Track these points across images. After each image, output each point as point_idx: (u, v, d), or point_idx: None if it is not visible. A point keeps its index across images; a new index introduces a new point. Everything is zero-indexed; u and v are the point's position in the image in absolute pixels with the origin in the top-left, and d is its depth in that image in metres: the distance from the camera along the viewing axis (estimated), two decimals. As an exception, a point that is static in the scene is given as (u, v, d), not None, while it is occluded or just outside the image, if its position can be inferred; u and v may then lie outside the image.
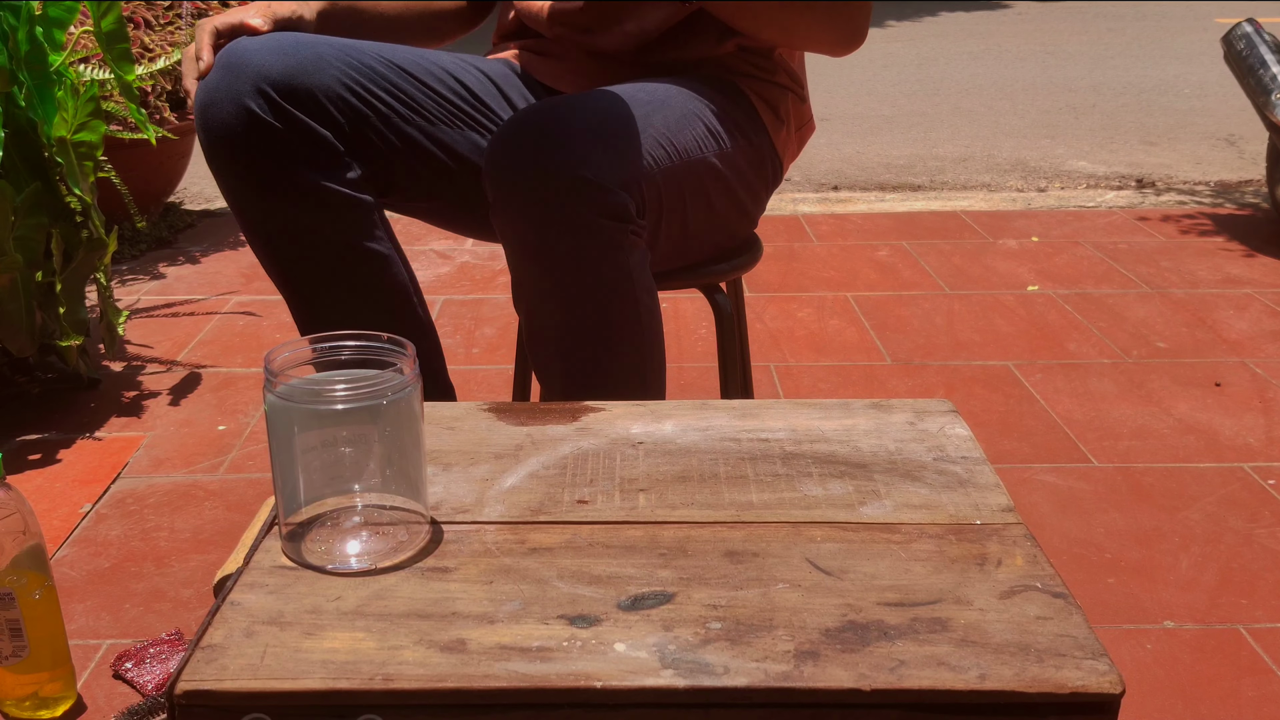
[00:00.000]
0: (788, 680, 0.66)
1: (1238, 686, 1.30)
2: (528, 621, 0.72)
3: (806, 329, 2.37)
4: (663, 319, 1.25)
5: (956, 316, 2.43)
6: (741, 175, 1.30)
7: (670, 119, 1.21)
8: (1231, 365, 2.17)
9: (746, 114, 1.32)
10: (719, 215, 1.31)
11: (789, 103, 1.35)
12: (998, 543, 0.81)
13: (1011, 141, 4.37)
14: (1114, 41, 6.85)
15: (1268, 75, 2.75)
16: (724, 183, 1.28)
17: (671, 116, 1.22)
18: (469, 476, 0.91)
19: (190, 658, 0.69)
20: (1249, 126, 4.36)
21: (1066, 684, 0.66)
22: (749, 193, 1.34)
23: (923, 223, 3.13)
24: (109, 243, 1.92)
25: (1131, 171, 3.87)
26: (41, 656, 1.20)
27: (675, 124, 1.21)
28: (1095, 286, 2.61)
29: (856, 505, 0.87)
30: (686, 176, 1.21)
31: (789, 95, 1.35)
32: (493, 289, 2.63)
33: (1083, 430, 1.91)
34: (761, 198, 1.38)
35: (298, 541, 0.80)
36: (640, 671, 0.67)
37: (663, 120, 1.20)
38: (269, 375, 0.77)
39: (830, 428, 0.99)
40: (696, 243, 1.31)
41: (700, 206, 1.26)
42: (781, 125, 1.35)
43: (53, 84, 1.79)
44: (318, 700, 0.67)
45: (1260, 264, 2.75)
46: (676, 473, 0.92)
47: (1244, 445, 1.86)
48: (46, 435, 1.91)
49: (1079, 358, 2.21)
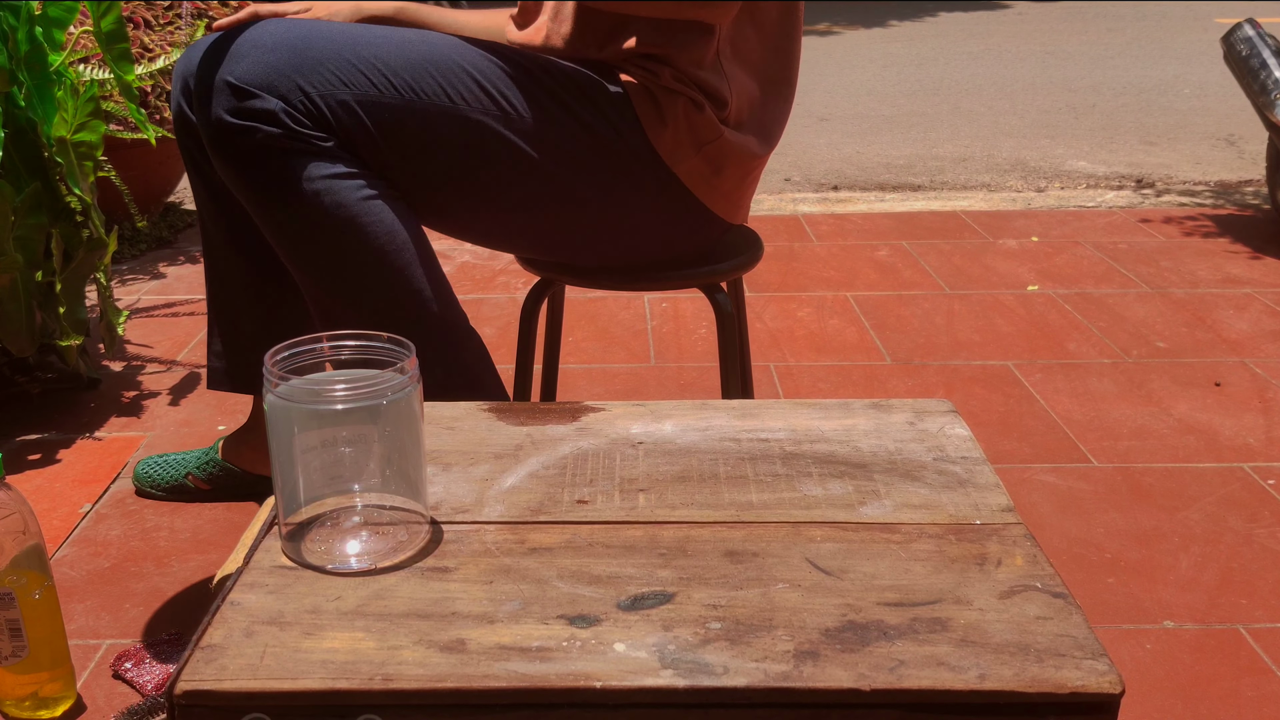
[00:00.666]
0: (787, 680, 0.66)
1: (1237, 686, 1.30)
2: (527, 621, 0.72)
3: (806, 329, 2.37)
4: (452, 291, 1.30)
5: (956, 316, 2.43)
6: (570, 158, 1.26)
7: (411, 59, 1.22)
8: (1231, 365, 2.17)
9: (614, 105, 1.27)
10: (539, 193, 1.27)
11: (680, 107, 1.27)
12: (998, 543, 0.81)
13: (1011, 141, 4.37)
14: (1114, 41, 6.85)
15: (1268, 76, 2.75)
16: (516, 151, 1.24)
17: (414, 57, 1.22)
18: (469, 476, 0.91)
19: (190, 658, 0.69)
20: (1249, 126, 4.36)
21: (1066, 684, 0.66)
22: (596, 184, 1.29)
23: (923, 223, 3.13)
24: (109, 243, 1.92)
25: (1131, 171, 3.87)
26: (41, 656, 1.20)
27: (417, 66, 1.22)
28: (1095, 286, 2.61)
29: (856, 505, 0.87)
30: (438, 123, 1.22)
31: (680, 99, 1.27)
32: (493, 289, 2.63)
33: (1083, 430, 1.91)
34: (637, 200, 1.31)
35: (298, 541, 0.80)
36: (640, 671, 0.67)
37: (395, 58, 1.22)
38: (269, 375, 0.77)
39: (830, 428, 0.99)
40: (539, 217, 1.30)
41: (491, 174, 1.25)
42: (665, 127, 1.27)
43: (53, 84, 1.79)
44: (317, 700, 0.67)
45: (1260, 264, 2.75)
46: (676, 473, 0.92)
47: (1244, 445, 1.86)
48: (46, 435, 1.91)
49: (1079, 358, 2.21)
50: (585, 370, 2.19)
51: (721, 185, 1.33)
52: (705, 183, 1.32)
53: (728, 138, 1.30)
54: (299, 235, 1.23)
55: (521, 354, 1.51)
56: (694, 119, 1.28)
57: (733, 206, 1.37)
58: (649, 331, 2.37)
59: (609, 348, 2.30)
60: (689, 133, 1.28)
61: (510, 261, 2.79)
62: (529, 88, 1.26)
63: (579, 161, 1.28)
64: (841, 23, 7.85)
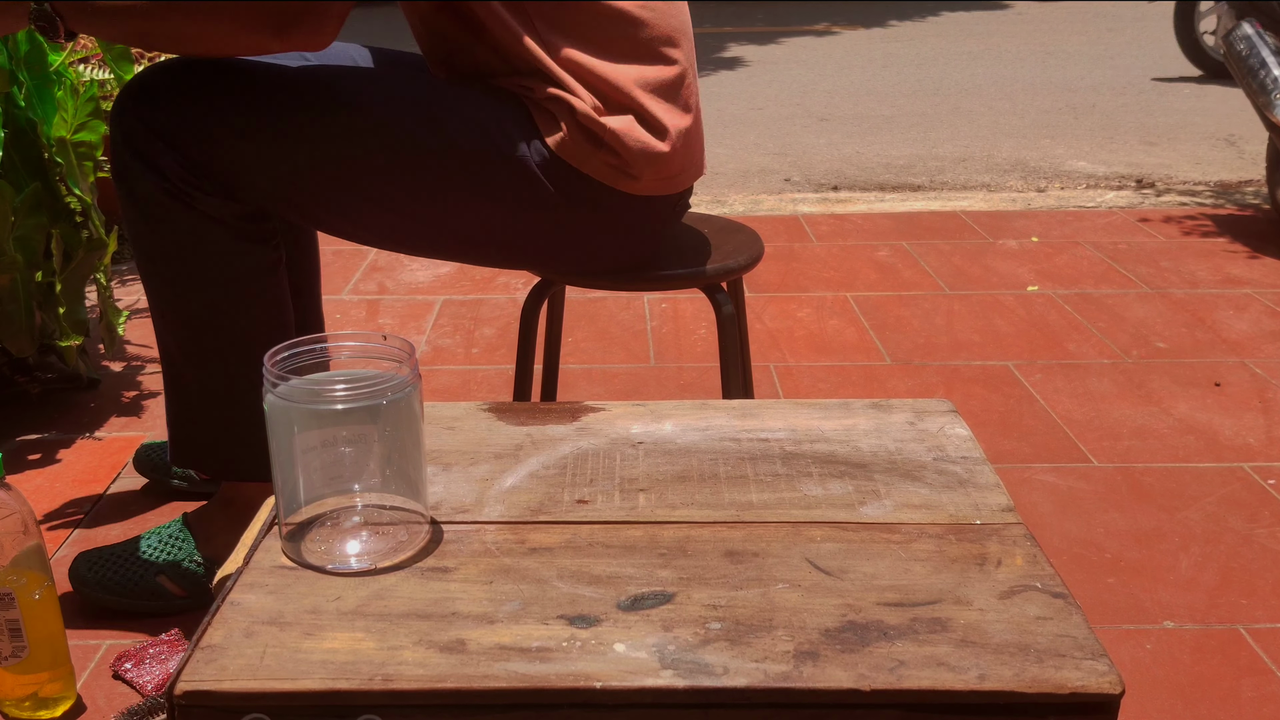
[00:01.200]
0: (787, 680, 0.66)
1: (1237, 686, 1.30)
2: (527, 622, 0.72)
3: (806, 329, 2.37)
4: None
5: (956, 316, 2.43)
6: (455, 169, 1.27)
7: (293, 96, 1.25)
8: (1231, 365, 2.17)
9: (514, 119, 1.28)
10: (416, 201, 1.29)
11: (563, 110, 1.26)
12: (998, 543, 0.81)
13: (1011, 141, 4.37)
14: (1114, 41, 6.85)
15: (1268, 75, 2.75)
16: (398, 165, 1.26)
17: (293, 92, 1.25)
18: (469, 476, 0.91)
19: (190, 658, 0.69)
20: (1249, 126, 4.36)
21: (1066, 684, 0.66)
22: (489, 194, 1.29)
23: (922, 223, 3.13)
24: (109, 243, 1.92)
25: (1131, 172, 3.87)
26: (41, 656, 1.20)
27: (284, 99, 1.25)
28: (1095, 287, 2.61)
29: (856, 505, 0.87)
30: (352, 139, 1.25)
31: (561, 103, 1.26)
32: (492, 289, 2.63)
33: (1083, 430, 1.91)
34: (536, 211, 1.31)
35: (298, 541, 0.80)
36: (640, 672, 0.67)
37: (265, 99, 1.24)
38: (269, 375, 0.77)
39: (830, 428, 0.99)
40: (425, 222, 1.31)
41: (357, 194, 1.27)
42: (560, 133, 1.27)
43: (53, 84, 1.79)
44: (317, 700, 0.67)
45: (1260, 264, 2.75)
46: (676, 473, 0.92)
47: (1244, 445, 1.86)
48: (46, 435, 1.91)
49: (1079, 358, 2.21)
50: (585, 370, 2.19)
51: (634, 168, 1.29)
52: (619, 173, 1.29)
53: (609, 125, 1.27)
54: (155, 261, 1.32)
55: (521, 354, 1.51)
56: (572, 118, 1.27)
57: (667, 178, 1.34)
58: (649, 332, 2.37)
59: (609, 348, 2.30)
60: (579, 131, 1.27)
61: (510, 261, 2.79)
62: (432, 107, 1.27)
63: (500, 181, 1.29)
64: (841, 23, 7.85)
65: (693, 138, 1.36)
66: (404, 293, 2.60)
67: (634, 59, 1.29)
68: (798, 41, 7.08)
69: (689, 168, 1.38)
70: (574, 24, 1.26)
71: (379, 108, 1.26)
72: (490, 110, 1.28)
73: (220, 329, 1.32)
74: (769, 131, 4.60)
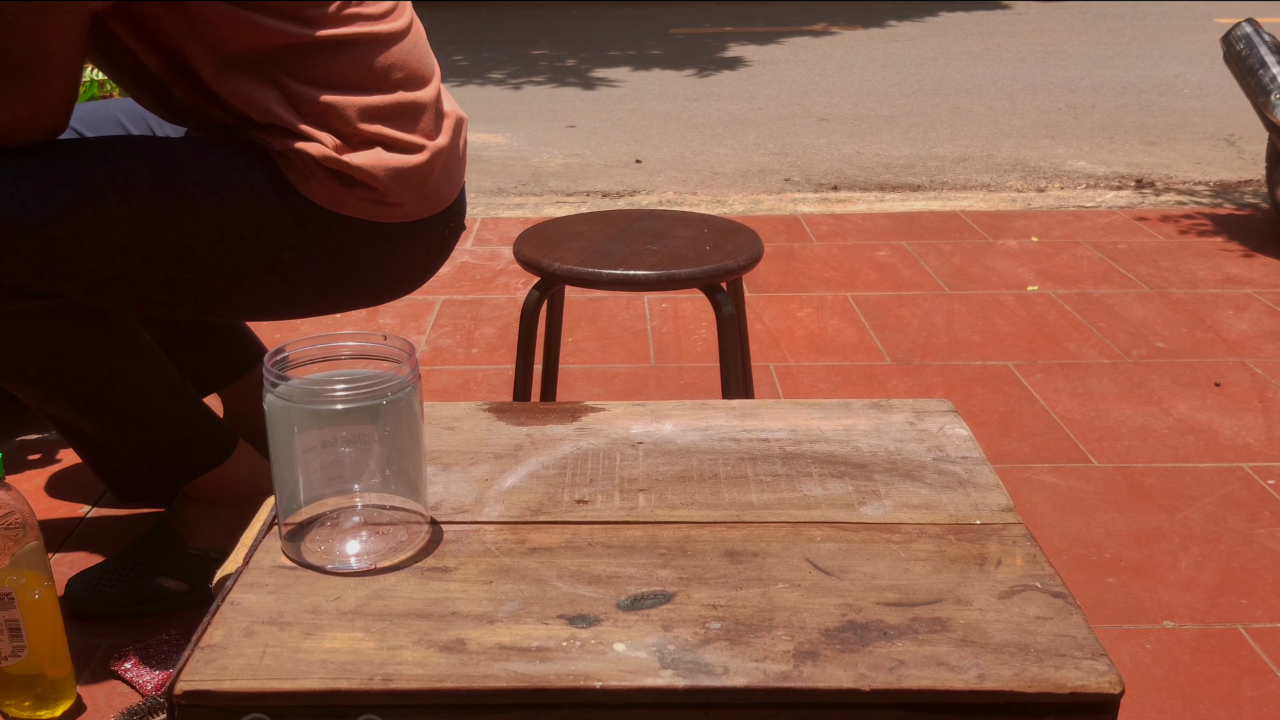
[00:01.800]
0: (787, 680, 0.66)
1: (1237, 686, 1.30)
2: (527, 621, 0.72)
3: (806, 329, 2.37)
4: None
5: (956, 316, 2.43)
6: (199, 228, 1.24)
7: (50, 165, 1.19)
8: (1231, 365, 2.17)
9: (266, 173, 1.25)
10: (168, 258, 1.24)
11: (306, 159, 1.24)
12: (997, 543, 0.81)
13: (1011, 141, 4.37)
14: (1114, 41, 6.85)
15: (1267, 75, 2.75)
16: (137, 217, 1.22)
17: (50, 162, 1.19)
18: (469, 476, 0.91)
19: (190, 658, 0.69)
20: (1249, 126, 4.36)
21: (1066, 684, 0.66)
22: (257, 260, 1.27)
23: (923, 223, 3.13)
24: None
25: (1131, 171, 3.87)
26: (41, 656, 1.20)
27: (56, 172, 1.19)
28: (1095, 286, 2.61)
29: (856, 505, 0.87)
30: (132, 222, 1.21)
31: (301, 153, 1.24)
32: (492, 289, 2.63)
33: (1083, 430, 1.91)
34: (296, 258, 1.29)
35: (298, 541, 0.80)
36: (640, 671, 0.67)
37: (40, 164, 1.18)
38: (269, 375, 0.77)
39: (830, 428, 0.99)
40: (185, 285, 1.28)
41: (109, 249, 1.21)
42: (311, 180, 1.25)
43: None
44: (317, 700, 0.67)
45: (1260, 264, 2.75)
46: (676, 473, 0.92)
47: (1244, 445, 1.86)
48: (46, 435, 1.91)
49: (1079, 358, 2.21)
50: (585, 370, 2.19)
51: (393, 195, 1.27)
52: (379, 206, 1.28)
53: (354, 162, 1.25)
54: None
55: (522, 354, 1.51)
56: (317, 164, 1.25)
57: (427, 196, 1.31)
58: (649, 331, 2.37)
59: (609, 348, 2.30)
60: (327, 176, 1.25)
61: (510, 262, 2.79)
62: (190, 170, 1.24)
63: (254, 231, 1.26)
64: (840, 23, 7.85)
65: (450, 156, 1.33)
66: (404, 293, 2.60)
67: (373, 90, 1.26)
68: (798, 41, 7.08)
69: (448, 182, 1.35)
70: (301, 64, 1.22)
71: (137, 199, 1.21)
72: (239, 170, 1.25)
73: (92, 391, 1.30)
74: (769, 131, 4.60)
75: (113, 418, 1.33)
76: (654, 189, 3.75)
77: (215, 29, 1.17)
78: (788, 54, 6.63)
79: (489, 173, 3.99)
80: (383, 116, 1.26)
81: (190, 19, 1.17)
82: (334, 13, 1.22)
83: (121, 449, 1.36)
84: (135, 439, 1.35)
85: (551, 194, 3.68)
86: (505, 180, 3.88)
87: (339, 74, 1.24)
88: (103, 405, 1.31)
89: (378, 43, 1.26)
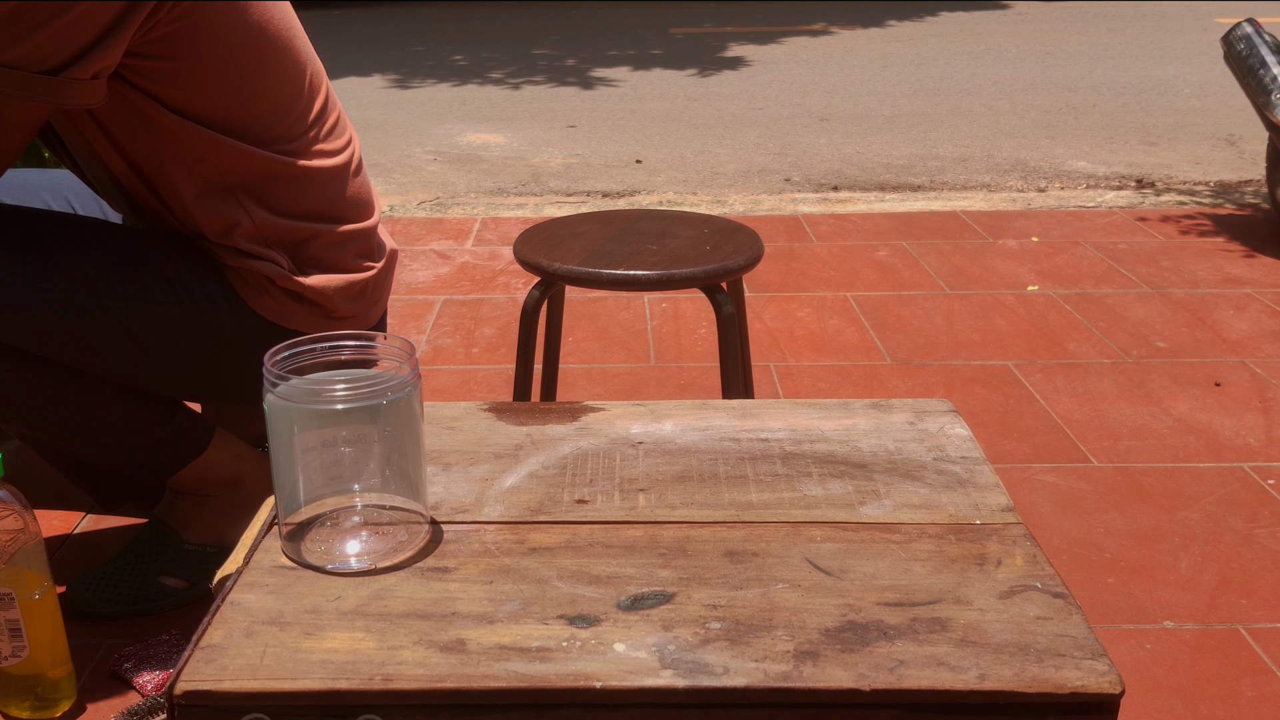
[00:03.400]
0: (787, 680, 0.66)
1: (1237, 686, 1.30)
2: (527, 621, 0.72)
3: (806, 329, 2.37)
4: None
5: (956, 316, 2.43)
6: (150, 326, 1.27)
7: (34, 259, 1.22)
8: (1231, 365, 2.17)
9: (214, 281, 1.29)
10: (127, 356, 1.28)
11: (260, 278, 1.29)
12: (997, 543, 0.81)
13: (1011, 141, 4.37)
14: (1114, 41, 6.85)
15: (1268, 75, 2.75)
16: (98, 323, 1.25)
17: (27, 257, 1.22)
18: (469, 476, 0.91)
19: (190, 658, 0.69)
20: (1249, 126, 4.36)
21: (1066, 684, 0.66)
22: (188, 348, 1.31)
23: (923, 223, 3.13)
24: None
25: (1131, 171, 3.87)
26: (41, 656, 1.20)
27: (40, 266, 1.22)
28: (1095, 286, 2.61)
29: (856, 505, 0.87)
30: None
31: (253, 274, 1.29)
32: (493, 289, 2.63)
33: (1083, 430, 1.91)
34: (238, 354, 1.32)
35: (298, 541, 0.80)
36: (640, 672, 0.67)
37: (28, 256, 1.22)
38: (269, 375, 0.77)
39: (830, 428, 0.99)
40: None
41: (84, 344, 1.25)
42: (263, 296, 1.29)
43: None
44: (317, 700, 0.67)
45: (1260, 264, 2.75)
46: (676, 473, 0.92)
47: (1244, 445, 1.86)
48: (46, 435, 1.91)
49: (1079, 357, 2.21)
50: (585, 370, 2.19)
51: (341, 310, 1.34)
52: (324, 318, 1.33)
53: (308, 284, 1.30)
54: None
55: (522, 354, 1.51)
56: (272, 283, 1.29)
57: (366, 313, 1.38)
58: (649, 331, 2.37)
59: (609, 348, 2.30)
60: (283, 295, 1.30)
61: (510, 262, 2.79)
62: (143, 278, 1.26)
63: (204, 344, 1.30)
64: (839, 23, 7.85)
65: (385, 275, 1.42)
66: (404, 293, 2.60)
67: (333, 220, 1.32)
68: (798, 41, 7.08)
69: (382, 299, 1.43)
70: (271, 192, 1.27)
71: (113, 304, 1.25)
72: (199, 279, 1.28)
73: (62, 409, 1.31)
74: (769, 131, 4.60)
75: (81, 438, 1.34)
76: (654, 189, 3.75)
77: (191, 147, 1.21)
78: (788, 54, 6.63)
79: (489, 173, 3.99)
80: (339, 241, 1.33)
81: (163, 135, 1.20)
82: (304, 147, 1.28)
83: (99, 458, 1.38)
84: (112, 447, 1.36)
85: (551, 194, 3.68)
86: (505, 180, 3.88)
87: (304, 204, 1.30)
88: (74, 419, 1.32)
89: (338, 176, 1.33)
